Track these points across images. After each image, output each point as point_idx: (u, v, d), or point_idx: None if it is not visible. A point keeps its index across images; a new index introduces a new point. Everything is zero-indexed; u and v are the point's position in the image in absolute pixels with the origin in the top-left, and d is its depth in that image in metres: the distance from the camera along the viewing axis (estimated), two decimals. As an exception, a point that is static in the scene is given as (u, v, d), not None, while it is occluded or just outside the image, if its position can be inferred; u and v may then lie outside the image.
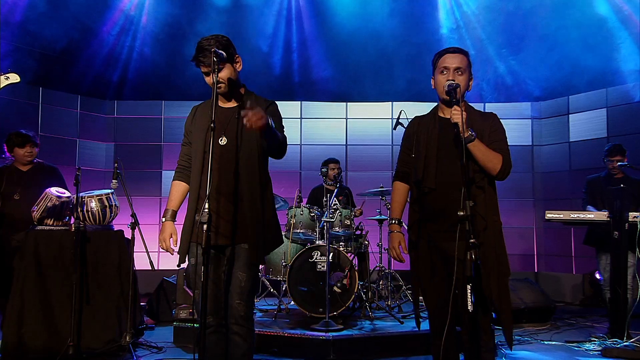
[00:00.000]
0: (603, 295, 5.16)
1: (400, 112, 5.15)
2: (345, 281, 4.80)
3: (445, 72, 2.68)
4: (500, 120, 2.79)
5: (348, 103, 8.16)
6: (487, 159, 2.59)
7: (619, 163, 4.90)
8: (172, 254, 2.84)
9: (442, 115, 2.78)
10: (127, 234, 4.52)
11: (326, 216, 4.61)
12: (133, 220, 4.43)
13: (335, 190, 5.17)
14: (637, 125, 6.84)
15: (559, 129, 7.81)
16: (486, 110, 3.14)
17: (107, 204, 4.50)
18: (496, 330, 2.78)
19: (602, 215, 4.67)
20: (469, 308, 2.25)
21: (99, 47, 7.62)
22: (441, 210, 2.64)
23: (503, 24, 7.67)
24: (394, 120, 8.32)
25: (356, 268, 4.94)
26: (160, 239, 2.78)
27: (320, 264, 4.85)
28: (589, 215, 4.70)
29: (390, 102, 8.10)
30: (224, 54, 2.58)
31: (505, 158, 2.63)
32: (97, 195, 4.48)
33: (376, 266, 5.69)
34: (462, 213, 2.26)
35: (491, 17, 7.66)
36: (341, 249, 5.00)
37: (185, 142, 2.91)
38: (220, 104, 2.80)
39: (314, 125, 8.13)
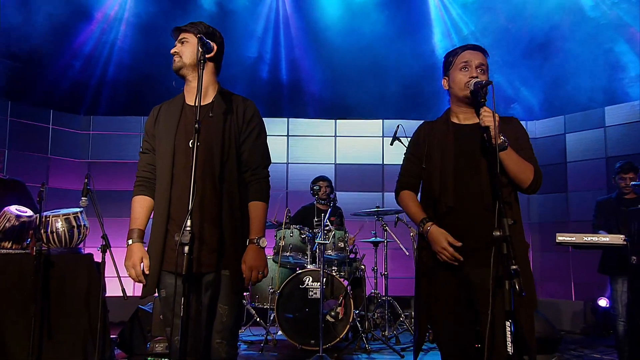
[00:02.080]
0: (616, 326, 4.76)
1: (398, 127, 4.81)
2: (339, 310, 4.38)
3: (467, 69, 2.32)
4: None
5: (337, 120, 7.82)
6: (520, 170, 2.24)
7: (633, 182, 4.60)
8: (144, 283, 2.32)
9: (455, 120, 2.41)
10: (98, 258, 4.04)
11: (320, 238, 4.20)
12: (104, 243, 3.96)
13: (329, 209, 4.77)
14: (637, 145, 6.61)
15: (556, 147, 7.56)
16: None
17: (74, 224, 4.04)
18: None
19: (618, 239, 4.30)
20: (508, 350, 1.83)
21: (74, 59, 7.20)
22: (462, 232, 2.24)
23: (503, 44, 7.46)
24: (383, 139, 8.26)
25: (350, 295, 4.53)
26: (127, 266, 2.27)
27: (312, 291, 4.42)
28: (603, 239, 4.34)
29: (381, 120, 7.78)
30: (212, 44, 2.23)
31: (536, 168, 2.29)
32: (63, 215, 4.02)
33: (371, 292, 5.26)
34: (498, 233, 1.87)
35: (493, 37, 7.44)
36: (334, 273, 4.59)
37: (147, 149, 2.43)
38: (189, 101, 2.37)
39: (301, 143, 7.76)
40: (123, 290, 3.88)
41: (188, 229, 1.95)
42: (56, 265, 3.84)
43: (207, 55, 2.23)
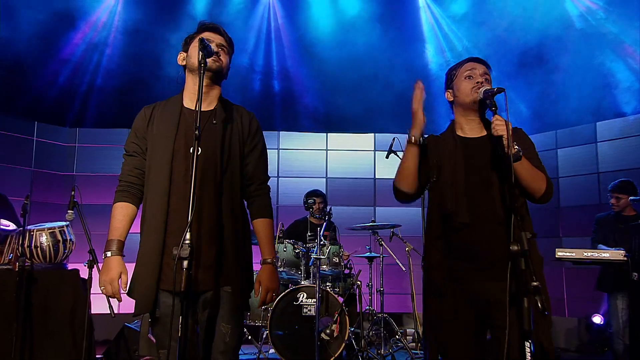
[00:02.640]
0: (613, 345, 4.68)
1: (394, 140, 4.74)
2: (334, 327, 4.24)
3: (471, 77, 2.30)
4: None
5: (328, 134, 7.73)
6: (533, 179, 2.18)
7: (632, 198, 4.56)
8: (120, 301, 2.14)
9: (461, 133, 2.36)
10: (84, 274, 3.88)
11: (316, 252, 4.08)
12: (91, 258, 3.80)
13: (324, 223, 4.65)
14: (628, 160, 6.60)
15: (547, 162, 7.54)
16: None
17: (60, 238, 3.88)
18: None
19: (618, 255, 4.24)
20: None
21: (60, 69, 7.03)
22: (476, 248, 2.17)
23: (494, 60, 7.47)
24: (375, 153, 8.19)
25: (346, 312, 4.39)
26: (103, 281, 2.07)
27: (306, 308, 4.29)
28: (604, 255, 4.28)
29: (373, 134, 7.72)
30: (212, 47, 2.14)
31: (547, 177, 2.24)
32: (48, 229, 3.86)
33: (366, 309, 5.12)
34: (516, 248, 1.79)
35: (484, 53, 7.44)
36: (329, 290, 4.46)
37: (134, 152, 2.22)
38: (191, 104, 2.22)
39: (292, 156, 7.64)
40: (110, 308, 3.70)
41: (187, 242, 1.81)
42: (40, 281, 3.68)
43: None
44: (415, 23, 7.75)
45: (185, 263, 1.80)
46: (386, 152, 4.84)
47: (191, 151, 2.07)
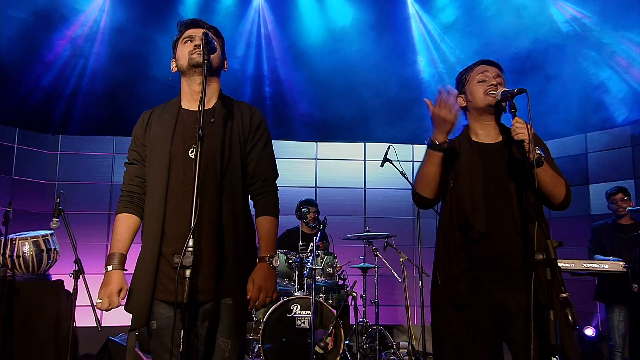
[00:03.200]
0: (613, 358, 4.62)
1: (389, 148, 4.67)
2: (328, 340, 4.12)
3: (485, 81, 2.21)
4: None
5: (318, 143, 7.65)
6: (554, 185, 2.09)
7: (629, 208, 4.54)
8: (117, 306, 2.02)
9: (475, 138, 2.25)
10: (68, 285, 3.71)
11: (311, 263, 3.96)
12: (77, 268, 3.65)
13: (318, 233, 4.54)
14: (619, 171, 6.62)
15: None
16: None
17: (44, 247, 3.72)
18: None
19: (618, 266, 4.19)
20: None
21: (43, 74, 6.84)
22: (495, 258, 2.06)
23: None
24: (365, 162, 8.12)
25: (340, 324, 4.27)
26: (102, 294, 1.98)
27: (300, 320, 4.16)
28: (603, 265, 4.22)
29: (363, 143, 7.65)
30: (216, 44, 2.03)
31: (566, 183, 2.14)
32: (32, 237, 3.69)
33: (360, 321, 4.99)
34: (541, 257, 1.69)
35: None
36: (322, 301, 4.33)
37: (135, 159, 2.15)
38: (188, 106, 2.13)
39: (281, 165, 7.39)
40: (97, 320, 3.56)
41: (190, 249, 1.69)
42: (22, 292, 3.52)
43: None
44: (406, 32, 7.74)
45: (188, 272, 1.69)
46: (380, 161, 4.77)
47: (191, 154, 2.00)
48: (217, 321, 1.97)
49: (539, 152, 1.94)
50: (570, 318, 1.58)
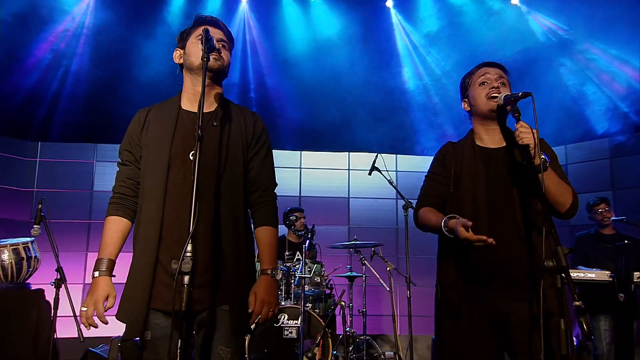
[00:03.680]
0: None
1: (377, 157, 4.65)
2: (316, 350, 4.06)
3: (486, 83, 2.15)
4: None
5: (302, 152, 7.62)
6: (560, 192, 2.02)
7: (613, 218, 4.60)
8: (106, 324, 1.91)
9: (479, 143, 2.21)
10: (49, 294, 3.61)
11: (301, 271, 3.91)
12: (58, 276, 3.55)
13: (307, 241, 4.49)
14: (599, 182, 6.73)
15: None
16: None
17: (23, 255, 3.62)
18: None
19: (603, 275, 4.22)
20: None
21: (23, 79, 6.68)
22: (497, 266, 2.00)
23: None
24: (349, 172, 8.11)
25: (329, 334, 4.22)
26: (87, 302, 1.88)
27: (288, 330, 4.09)
28: (589, 275, 4.24)
29: (347, 152, 7.65)
30: (214, 42, 1.94)
31: (573, 190, 2.08)
32: (11, 245, 3.59)
33: (347, 331, 4.93)
34: (551, 264, 1.62)
35: (460, 73, 7.52)
36: (310, 310, 4.28)
37: (128, 160, 2.05)
38: (189, 106, 2.05)
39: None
40: (79, 331, 3.46)
41: (189, 254, 1.61)
42: (0, 302, 3.39)
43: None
44: (390, 42, 7.78)
45: (186, 278, 1.61)
46: (365, 170, 4.76)
47: (190, 156, 1.92)
48: (214, 330, 1.90)
49: (543, 157, 1.89)
50: (585, 328, 1.52)
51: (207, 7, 6.99)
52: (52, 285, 3.56)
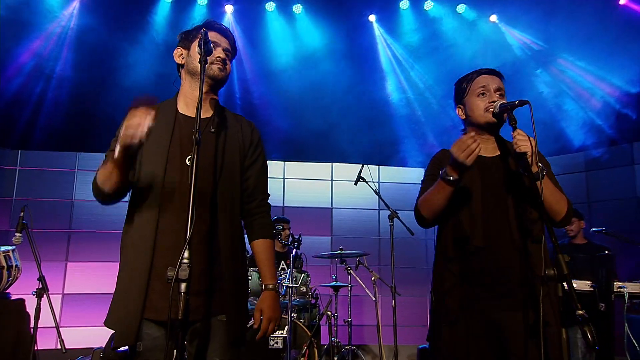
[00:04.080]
0: None
1: (362, 167, 4.69)
2: (302, 360, 4.05)
3: (485, 94, 2.14)
4: None
5: (286, 162, 7.64)
6: (556, 201, 2.03)
7: (593, 229, 4.69)
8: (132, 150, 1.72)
9: None
10: (29, 304, 3.54)
11: (288, 280, 3.91)
12: (40, 286, 3.49)
13: (293, 251, 4.49)
14: (574, 195, 6.87)
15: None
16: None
17: (4, 263, 3.55)
18: None
19: (584, 285, 4.30)
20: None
21: (4, 87, 6.58)
22: (493, 274, 2.00)
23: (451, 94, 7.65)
24: (332, 182, 8.15)
25: (315, 344, 4.21)
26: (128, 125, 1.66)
27: (273, 340, 4.07)
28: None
29: (331, 163, 7.70)
30: (212, 46, 1.92)
31: (567, 199, 2.10)
32: (-7, 253, 3.51)
33: (332, 341, 4.92)
34: (552, 272, 1.62)
35: (450, 88, 7.60)
36: (296, 320, 4.26)
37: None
38: (187, 110, 2.00)
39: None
40: (61, 343, 3.40)
41: (186, 261, 1.55)
42: (-19, 312, 3.32)
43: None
44: (373, 55, 7.86)
45: (183, 286, 1.55)
46: (348, 181, 4.79)
47: (187, 161, 1.88)
48: (208, 340, 1.84)
49: (539, 165, 1.90)
50: (590, 337, 1.51)
51: (192, 17, 6.99)
52: (33, 294, 3.50)
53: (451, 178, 1.95)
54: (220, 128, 2.00)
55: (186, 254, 1.57)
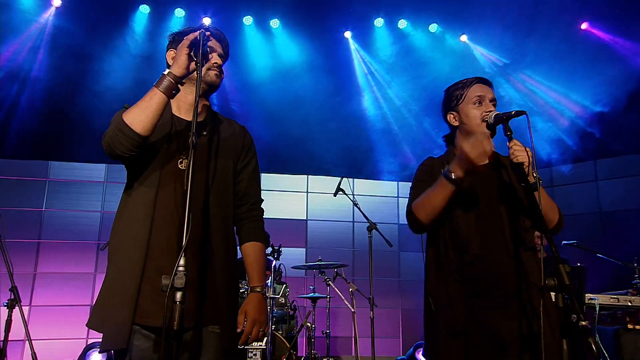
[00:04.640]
0: None
1: (342, 178, 4.74)
2: (281, 373, 4.03)
3: (480, 104, 2.12)
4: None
5: (262, 174, 7.62)
6: (550, 209, 2.04)
7: (564, 242, 4.82)
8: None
9: None
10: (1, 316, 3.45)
11: (269, 291, 3.89)
12: (12, 296, 3.40)
13: (273, 262, 4.47)
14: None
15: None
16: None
17: (-23, 274, 3.43)
18: None
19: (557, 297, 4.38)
20: None
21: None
22: (489, 283, 1.98)
23: (435, 109, 7.79)
24: (308, 195, 8.16)
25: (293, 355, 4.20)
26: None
27: (252, 352, 4.04)
28: (547, 298, 4.41)
29: (306, 175, 7.74)
30: (208, 49, 1.85)
31: (558, 207, 2.11)
32: (-36, 263, 3.40)
33: (310, 353, 4.89)
34: (552, 282, 1.62)
35: (424, 103, 7.74)
36: (274, 332, 4.25)
37: None
38: (180, 113, 1.95)
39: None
40: (34, 356, 3.31)
41: (182, 269, 1.48)
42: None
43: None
44: (349, 70, 7.98)
45: (178, 295, 1.47)
46: (324, 193, 4.83)
47: (180, 164, 1.85)
48: (200, 351, 1.78)
49: (535, 175, 1.90)
50: (594, 349, 1.48)
51: (169, 28, 6.97)
52: (4, 306, 3.41)
53: (455, 176, 1.94)
54: (213, 132, 1.98)
55: (182, 262, 1.50)
